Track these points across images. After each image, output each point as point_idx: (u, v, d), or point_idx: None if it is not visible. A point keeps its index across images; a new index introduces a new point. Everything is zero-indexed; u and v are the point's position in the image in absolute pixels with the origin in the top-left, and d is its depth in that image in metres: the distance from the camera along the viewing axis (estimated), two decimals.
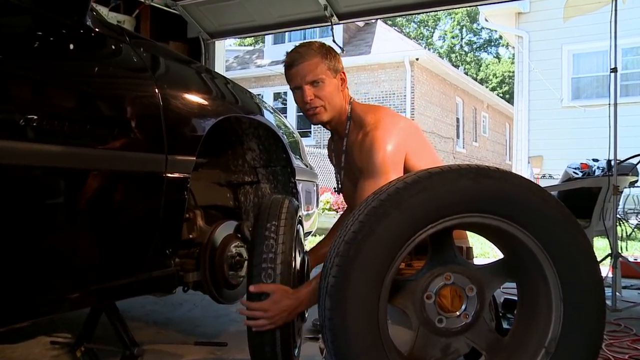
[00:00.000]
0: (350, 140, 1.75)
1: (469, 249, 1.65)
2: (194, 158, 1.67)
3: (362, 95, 15.25)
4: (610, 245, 3.47)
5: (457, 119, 18.09)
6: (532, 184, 1.29)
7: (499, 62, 32.19)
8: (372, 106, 1.79)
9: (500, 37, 26.67)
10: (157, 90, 1.57)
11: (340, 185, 1.91)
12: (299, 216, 1.78)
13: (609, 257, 3.40)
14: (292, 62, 1.74)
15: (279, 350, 1.54)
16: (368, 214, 1.24)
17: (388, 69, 15.12)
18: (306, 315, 1.74)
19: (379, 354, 1.24)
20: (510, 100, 21.81)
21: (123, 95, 1.50)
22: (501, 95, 27.43)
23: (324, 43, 1.78)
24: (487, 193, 1.26)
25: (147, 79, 1.58)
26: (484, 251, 5.62)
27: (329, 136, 1.94)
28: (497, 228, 1.29)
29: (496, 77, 31.17)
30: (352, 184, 1.80)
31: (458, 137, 18.19)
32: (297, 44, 1.79)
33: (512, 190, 1.27)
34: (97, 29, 1.49)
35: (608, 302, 2.83)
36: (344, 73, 1.79)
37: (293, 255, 1.61)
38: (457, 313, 1.34)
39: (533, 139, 9.87)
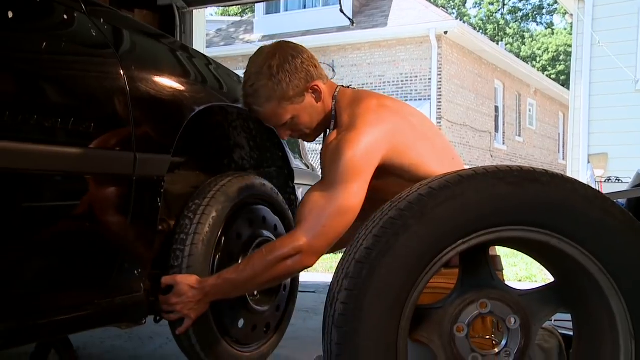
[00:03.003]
0: (325, 145, 1.81)
1: (495, 258, 1.66)
2: (169, 157, 1.69)
3: (377, 79, 15.29)
4: None
5: (496, 108, 18.10)
6: (591, 190, 1.31)
7: (552, 34, 32.08)
8: (356, 98, 1.84)
9: (555, 2, 26.62)
10: (122, 72, 1.59)
11: None
12: (266, 195, 2.06)
13: None
14: (247, 105, 1.86)
15: (196, 341, 1.82)
16: (384, 226, 1.26)
17: (409, 45, 15.14)
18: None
19: None
20: (565, 84, 21.77)
21: (79, 77, 1.52)
22: (554, 77, 27.38)
23: (273, 59, 1.79)
24: (532, 201, 1.28)
25: (109, 57, 1.60)
26: (530, 273, 5.64)
27: None
28: (546, 245, 1.31)
29: (548, 54, 31.07)
30: None
31: (497, 130, 18.20)
32: (244, 71, 1.84)
33: (565, 197, 1.29)
34: None
35: None
36: (313, 83, 1.83)
37: (215, 235, 1.84)
38: (496, 350, 1.35)
39: (595, 133, 9.74)
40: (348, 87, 1.96)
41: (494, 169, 1.30)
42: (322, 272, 6.26)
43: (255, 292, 2.02)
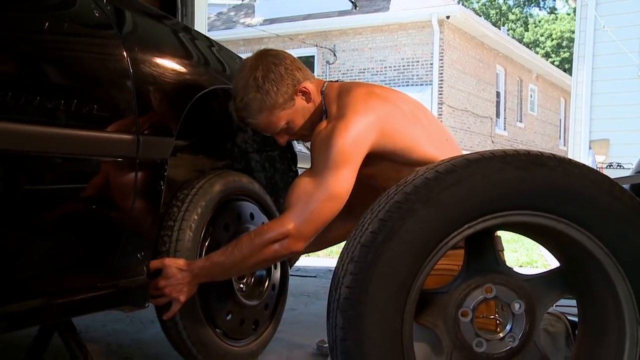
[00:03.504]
0: (315, 133, 1.82)
1: (496, 238, 1.67)
2: (173, 139, 1.69)
3: (378, 63, 15.25)
4: None
5: (497, 93, 18.08)
6: (599, 174, 1.30)
7: (556, 19, 31.93)
8: (344, 89, 1.87)
9: None
10: (125, 54, 1.58)
11: None
12: (251, 191, 2.12)
13: None
14: (240, 119, 1.91)
15: (182, 327, 1.84)
16: (390, 210, 1.26)
17: (411, 29, 15.09)
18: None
19: None
20: (568, 70, 21.70)
21: (81, 59, 1.50)
22: (557, 64, 27.28)
23: (257, 70, 1.81)
24: (539, 186, 1.27)
25: (112, 39, 1.58)
26: (531, 259, 5.64)
27: None
28: (552, 229, 1.30)
29: (551, 40, 30.96)
30: None
31: (498, 116, 18.19)
32: (232, 86, 1.89)
33: (573, 182, 1.28)
34: None
35: None
36: (300, 86, 1.85)
37: (203, 224, 1.89)
38: (501, 335, 1.35)
39: (597, 118, 9.72)
40: (336, 81, 1.98)
41: (501, 153, 1.29)
42: (323, 257, 6.27)
43: (243, 287, 2.03)
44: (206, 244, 1.92)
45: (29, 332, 1.80)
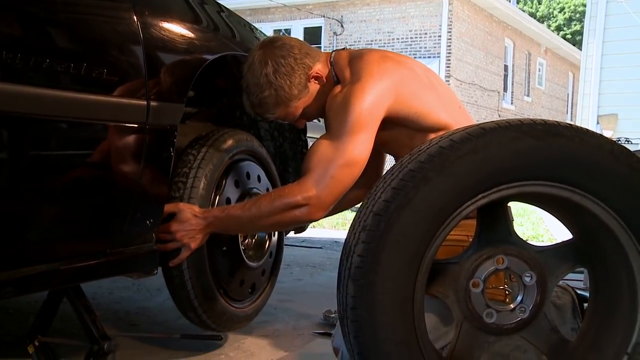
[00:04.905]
0: (330, 98, 1.81)
1: (506, 208, 1.66)
2: (183, 106, 1.67)
3: (385, 35, 15.12)
4: None
5: (505, 67, 17.94)
6: (617, 145, 1.28)
7: None
8: (355, 55, 1.84)
9: None
10: (135, 18, 1.55)
11: None
12: (253, 151, 2.12)
13: None
14: (257, 115, 1.91)
15: (188, 277, 1.81)
16: (404, 179, 1.24)
17: (419, 1, 14.95)
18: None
19: (414, 354, 1.26)
20: (579, 43, 21.48)
21: (91, 22, 1.48)
22: (569, 36, 27.01)
23: (266, 67, 1.78)
24: (556, 156, 1.25)
25: (122, 2, 1.56)
26: (537, 232, 5.64)
27: None
28: (567, 200, 1.29)
29: (564, 13, 30.68)
30: None
31: (505, 89, 18.08)
32: (243, 81, 1.86)
33: (590, 153, 1.26)
34: None
35: None
36: (312, 72, 1.83)
37: (218, 175, 1.89)
38: (512, 306, 1.35)
39: (605, 93, 9.60)
40: (343, 49, 1.96)
41: (517, 122, 1.27)
42: (328, 228, 6.30)
43: (245, 248, 2.02)
44: (217, 198, 1.92)
45: (38, 297, 1.81)
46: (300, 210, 1.67)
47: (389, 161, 1.82)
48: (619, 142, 8.74)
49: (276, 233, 2.19)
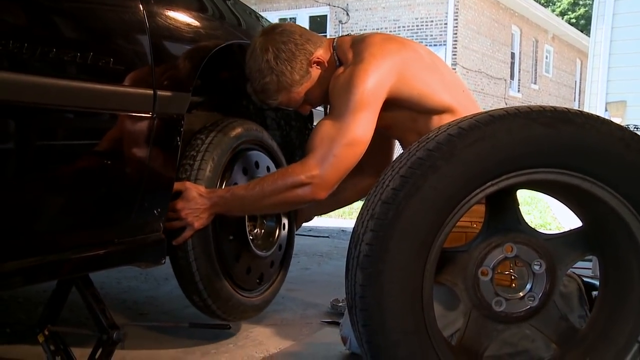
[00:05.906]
0: (334, 78, 1.82)
1: None
2: (189, 95, 1.67)
3: (391, 23, 15.05)
4: None
5: (512, 54, 17.85)
6: (628, 132, 1.27)
7: None
8: (357, 39, 1.86)
9: None
10: (141, 7, 1.55)
11: None
12: (262, 141, 2.13)
13: None
14: (260, 101, 1.94)
15: (193, 257, 1.80)
16: (412, 167, 1.24)
17: None
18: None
19: (423, 342, 1.26)
20: (585, 29, 21.34)
21: (98, 10, 1.47)
22: (574, 20, 26.85)
23: (267, 53, 1.81)
24: (566, 143, 1.25)
25: None
26: (545, 221, 5.63)
27: None
28: (577, 188, 1.28)
29: None
30: None
31: (512, 77, 17.99)
32: (246, 69, 1.90)
33: (600, 140, 1.25)
34: None
35: None
36: (313, 57, 1.84)
37: (225, 160, 1.90)
38: (521, 294, 1.34)
39: (614, 80, 9.50)
40: (346, 35, 1.97)
41: (527, 109, 1.26)
42: (335, 217, 6.30)
43: (252, 236, 2.02)
44: (224, 182, 1.92)
45: (47, 287, 1.82)
46: (304, 190, 1.68)
47: (398, 150, 1.82)
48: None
49: (286, 226, 2.18)
